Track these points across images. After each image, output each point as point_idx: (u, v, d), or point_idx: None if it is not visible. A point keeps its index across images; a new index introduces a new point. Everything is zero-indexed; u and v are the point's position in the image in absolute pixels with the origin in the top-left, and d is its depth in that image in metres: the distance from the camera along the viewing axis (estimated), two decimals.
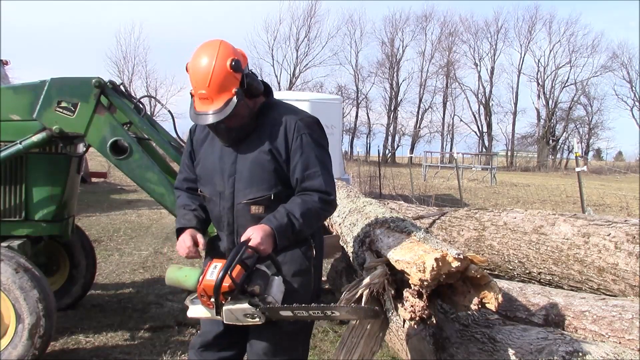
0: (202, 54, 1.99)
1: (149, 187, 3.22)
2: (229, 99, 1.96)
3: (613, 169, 31.54)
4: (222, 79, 1.96)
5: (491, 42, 46.23)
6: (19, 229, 3.42)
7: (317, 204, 2.08)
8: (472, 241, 3.41)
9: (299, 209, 2.05)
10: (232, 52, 2.01)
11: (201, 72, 1.96)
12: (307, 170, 2.08)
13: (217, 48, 1.99)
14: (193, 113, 2.03)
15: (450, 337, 2.41)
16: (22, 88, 3.35)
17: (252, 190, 2.10)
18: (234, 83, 1.98)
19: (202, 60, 1.98)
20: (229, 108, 1.96)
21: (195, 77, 1.98)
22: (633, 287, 2.44)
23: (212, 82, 1.95)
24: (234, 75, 1.98)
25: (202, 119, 2.00)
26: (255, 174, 2.09)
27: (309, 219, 2.07)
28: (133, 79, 42.09)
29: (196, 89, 1.99)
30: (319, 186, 2.09)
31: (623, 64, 43.92)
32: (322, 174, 2.10)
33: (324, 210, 2.12)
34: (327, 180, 2.11)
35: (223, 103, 1.96)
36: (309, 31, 44.18)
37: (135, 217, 9.69)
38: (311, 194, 2.08)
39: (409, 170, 16.81)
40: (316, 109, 10.21)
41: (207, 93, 1.96)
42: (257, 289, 1.95)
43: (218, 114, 1.96)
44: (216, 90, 1.96)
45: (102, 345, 3.67)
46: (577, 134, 45.40)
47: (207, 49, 2.00)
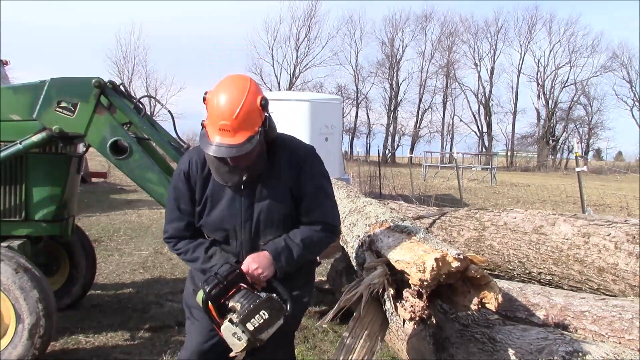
0: (231, 85, 1.93)
1: (149, 187, 3.22)
2: (251, 136, 1.89)
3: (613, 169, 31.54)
4: (250, 114, 1.89)
5: (491, 42, 46.28)
6: (19, 229, 3.42)
7: (320, 232, 2.12)
8: (472, 241, 3.41)
9: (300, 235, 2.09)
10: (261, 90, 1.98)
11: (229, 102, 1.87)
12: (314, 203, 2.11)
13: (249, 83, 1.94)
14: (206, 142, 1.90)
15: (450, 337, 2.41)
16: (22, 88, 3.35)
17: (273, 231, 2.11)
18: (258, 121, 1.92)
19: (231, 90, 1.90)
20: (250, 145, 1.88)
21: (219, 106, 1.88)
22: (633, 287, 2.44)
23: (239, 116, 1.86)
24: (260, 114, 1.93)
25: (218, 151, 1.88)
26: (275, 217, 2.09)
27: (309, 244, 2.10)
28: (133, 79, 42.18)
29: (217, 119, 1.88)
30: (322, 215, 2.13)
31: (623, 64, 43.97)
32: (327, 203, 2.14)
33: (326, 237, 2.15)
34: (332, 212, 2.17)
35: (245, 139, 1.88)
36: (309, 31, 44.21)
37: (135, 217, 9.69)
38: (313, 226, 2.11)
39: (409, 170, 16.80)
40: (316, 109, 10.20)
41: (231, 125, 1.86)
42: (236, 306, 1.94)
43: (238, 148, 1.87)
44: (241, 124, 1.87)
45: (102, 345, 3.67)
46: (577, 134, 45.42)
47: (238, 81, 1.95)
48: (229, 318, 1.95)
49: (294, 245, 2.07)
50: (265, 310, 1.93)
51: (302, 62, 44.31)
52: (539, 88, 46.09)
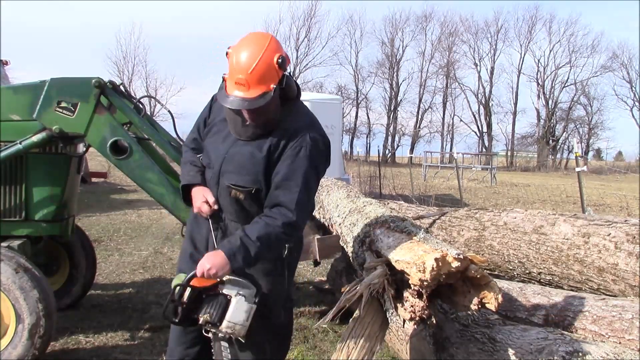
0: (251, 41, 1.97)
1: (149, 187, 3.22)
2: (265, 92, 1.93)
3: (613, 169, 31.53)
4: (266, 70, 1.93)
5: (491, 42, 46.26)
6: (19, 229, 3.42)
7: (279, 228, 2.01)
8: (472, 241, 3.41)
9: (257, 232, 2.00)
10: (281, 49, 2.00)
11: (246, 58, 1.92)
12: (286, 180, 2.03)
13: (269, 40, 1.98)
14: (223, 94, 1.98)
15: (450, 337, 2.41)
16: (22, 88, 3.35)
17: (236, 177, 2.11)
18: (274, 78, 1.96)
19: (250, 46, 1.94)
20: (263, 100, 1.93)
21: (238, 61, 1.93)
22: (633, 287, 2.44)
23: (255, 70, 1.91)
24: (277, 71, 1.96)
25: (232, 102, 1.95)
26: (245, 164, 2.09)
27: (267, 243, 2.02)
28: (133, 79, 42.14)
29: (235, 73, 1.94)
30: (289, 201, 2.02)
31: (623, 64, 43.97)
32: (299, 191, 2.02)
33: (285, 234, 2.05)
34: (300, 200, 2.02)
35: (259, 94, 1.93)
36: (309, 31, 44.21)
37: (135, 217, 9.68)
38: (275, 217, 2.02)
39: (409, 170, 16.80)
40: (316, 109, 10.16)
41: (246, 79, 1.92)
42: (207, 317, 1.97)
43: (250, 101, 1.92)
44: (256, 79, 1.92)
45: (102, 345, 3.67)
46: (577, 134, 45.41)
47: (257, 38, 1.99)
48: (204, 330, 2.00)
49: (250, 243, 2.00)
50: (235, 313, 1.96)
51: (302, 62, 44.32)
52: (539, 88, 46.12)
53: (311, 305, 4.57)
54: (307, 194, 2.08)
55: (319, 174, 2.14)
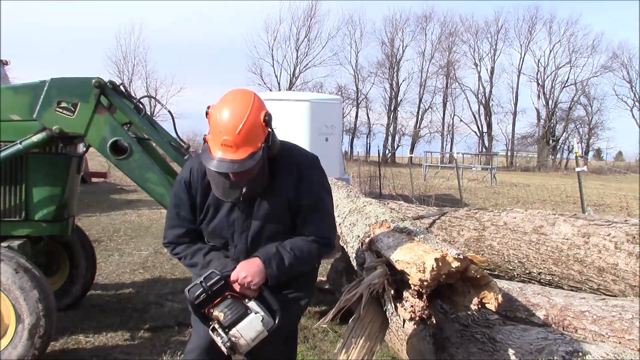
0: (235, 101, 1.90)
1: (149, 187, 3.22)
2: (254, 152, 1.87)
3: (613, 169, 31.52)
4: (253, 130, 1.87)
5: (491, 42, 46.27)
6: (19, 229, 3.42)
7: (312, 243, 2.10)
8: (472, 241, 3.41)
9: (290, 244, 2.07)
10: (264, 106, 1.95)
11: (232, 118, 1.84)
12: (310, 216, 2.10)
13: (252, 98, 1.92)
14: (208, 157, 1.88)
15: (450, 337, 2.41)
16: (22, 88, 3.35)
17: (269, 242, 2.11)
18: (261, 137, 1.90)
19: (234, 105, 1.87)
20: (252, 161, 1.86)
21: (223, 121, 1.85)
22: (633, 287, 2.44)
23: (242, 131, 1.84)
24: (263, 130, 1.91)
25: (220, 166, 1.86)
26: (271, 231, 2.10)
27: (301, 253, 2.07)
28: (133, 79, 42.20)
29: (220, 135, 1.85)
30: (319, 232, 2.12)
31: (623, 64, 43.98)
32: (324, 218, 2.14)
33: (318, 249, 2.12)
34: (328, 225, 2.16)
35: (247, 155, 1.85)
36: (309, 31, 44.22)
37: (135, 217, 9.68)
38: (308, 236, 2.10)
39: (409, 170, 16.80)
40: (316, 109, 10.19)
41: (233, 141, 1.84)
42: (220, 316, 1.95)
43: (240, 163, 1.85)
44: (244, 140, 1.85)
45: (102, 345, 3.67)
46: (577, 134, 45.40)
47: (241, 97, 1.92)
48: (212, 326, 1.97)
49: (285, 252, 2.04)
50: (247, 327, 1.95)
51: (302, 62, 44.38)
52: (539, 88, 46.13)
53: (311, 305, 4.57)
54: (329, 214, 2.19)
55: (329, 190, 2.22)
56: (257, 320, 1.96)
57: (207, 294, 1.96)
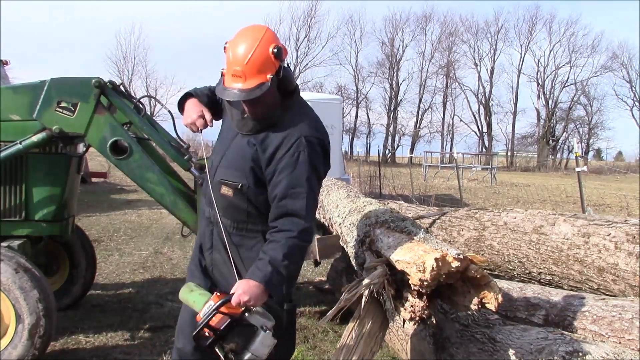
0: (246, 33, 1.98)
1: (149, 187, 3.22)
2: (261, 83, 1.93)
3: (613, 169, 31.52)
4: (261, 61, 1.93)
5: (491, 42, 46.19)
6: (19, 229, 3.42)
7: (296, 239, 1.99)
8: (472, 241, 3.41)
9: (281, 251, 1.96)
10: (277, 40, 2.00)
11: (242, 49, 1.93)
12: (292, 189, 2.00)
13: (264, 31, 1.98)
14: (221, 88, 2.01)
15: (450, 337, 2.41)
16: (22, 88, 3.35)
17: (227, 172, 2.14)
18: (270, 69, 1.95)
19: (245, 38, 1.96)
20: (260, 91, 1.93)
21: (234, 53, 1.94)
22: (633, 287, 2.44)
23: (250, 61, 1.92)
24: (273, 61, 1.96)
25: (229, 94, 1.96)
26: (237, 159, 2.12)
27: (293, 258, 2.01)
28: (133, 79, 42.10)
29: (231, 65, 1.95)
30: (299, 208, 2.00)
31: (623, 64, 43.91)
32: (307, 197, 2.01)
33: (303, 242, 2.03)
34: (309, 205, 2.02)
35: (255, 85, 1.93)
36: (309, 31, 44.18)
37: (135, 217, 9.68)
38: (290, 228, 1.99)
39: (409, 170, 16.80)
40: (316, 109, 10.14)
41: (242, 70, 1.93)
42: (232, 346, 1.94)
43: (247, 92, 1.93)
44: (252, 70, 1.93)
45: (102, 345, 3.67)
46: (577, 134, 45.38)
47: (253, 30, 1.99)
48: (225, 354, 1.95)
49: (279, 265, 1.96)
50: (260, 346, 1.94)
51: (302, 62, 44.32)
52: (539, 88, 46.08)
53: (311, 305, 4.57)
54: (314, 197, 2.07)
55: (319, 175, 2.11)
56: (267, 336, 1.94)
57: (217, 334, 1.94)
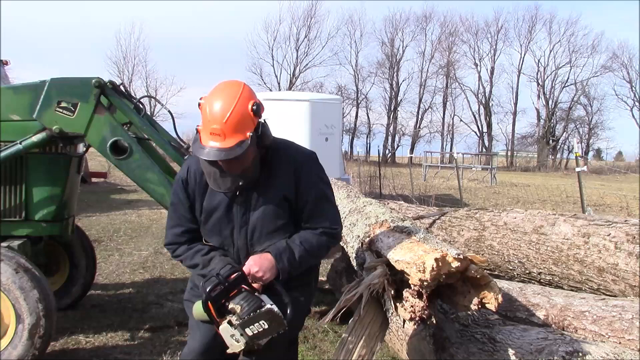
0: (223, 90, 1.95)
1: (149, 187, 3.22)
2: (241, 141, 1.89)
3: (613, 169, 31.51)
4: (241, 119, 1.89)
5: (491, 42, 46.19)
6: (19, 229, 3.42)
7: (320, 235, 2.13)
8: (472, 241, 3.41)
9: (299, 238, 2.10)
10: (254, 97, 1.97)
11: (220, 107, 1.88)
12: (315, 209, 2.12)
13: (241, 88, 1.95)
14: (198, 146, 1.93)
15: (450, 337, 2.41)
16: (22, 88, 3.35)
17: (268, 238, 2.11)
18: (250, 126, 1.92)
19: (223, 96, 1.92)
20: (240, 149, 1.88)
21: (212, 111, 1.89)
22: (633, 287, 2.44)
23: (229, 119, 1.87)
24: (252, 119, 1.93)
25: (208, 154, 1.89)
26: (270, 225, 2.10)
27: (310, 246, 2.09)
28: (133, 79, 42.09)
29: (209, 124, 1.90)
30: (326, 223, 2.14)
31: (623, 64, 43.91)
32: (329, 209, 2.16)
33: (327, 241, 2.16)
34: (333, 217, 2.18)
35: (235, 143, 1.88)
36: (309, 31, 44.15)
37: (135, 217, 9.68)
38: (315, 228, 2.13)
39: (409, 170, 16.81)
40: (316, 109, 10.19)
41: (221, 129, 1.87)
42: (236, 308, 1.94)
43: (227, 151, 1.88)
44: (232, 128, 1.88)
45: (102, 345, 3.67)
46: (577, 134, 45.37)
47: (230, 87, 1.96)
48: (228, 319, 1.95)
49: (295, 246, 2.07)
50: (266, 320, 1.93)
51: (302, 62, 44.32)
52: (539, 88, 46.09)
53: (311, 305, 4.57)
54: (333, 205, 2.21)
55: (328, 183, 2.23)
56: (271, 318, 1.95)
57: (224, 285, 1.95)
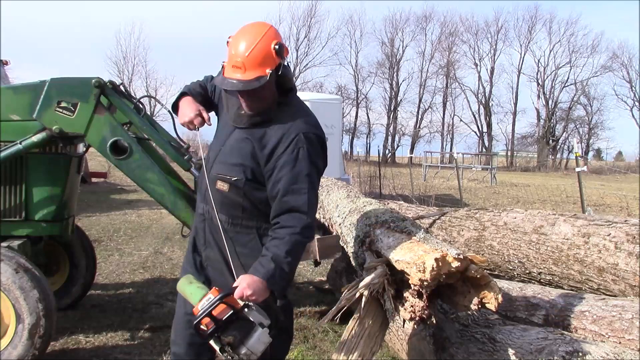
0: (250, 28, 2.04)
1: (149, 187, 3.22)
2: (260, 75, 1.97)
3: (613, 169, 31.52)
4: (262, 55, 1.97)
5: (491, 42, 46.20)
6: (19, 229, 3.41)
7: (299, 235, 2.02)
8: (472, 241, 3.41)
9: (284, 247, 2.00)
10: (279, 38, 2.04)
11: (244, 42, 1.98)
12: (294, 185, 2.03)
13: (267, 28, 2.03)
14: (220, 78, 2.05)
15: (450, 337, 2.41)
16: (22, 88, 3.35)
17: (224, 167, 2.16)
18: (270, 64, 1.99)
19: (249, 32, 2.01)
20: (258, 83, 1.97)
21: (236, 45, 1.99)
22: (633, 287, 2.44)
23: (251, 54, 1.96)
24: (273, 57, 2.00)
25: (227, 84, 2.01)
26: (233, 154, 2.14)
27: (295, 254, 2.04)
28: (133, 79, 42.11)
29: (232, 57, 1.99)
30: (301, 204, 2.03)
31: (623, 64, 43.94)
32: (308, 192, 2.04)
33: (305, 238, 2.07)
34: (310, 201, 2.05)
35: (254, 77, 1.97)
36: (309, 31, 44.21)
37: (135, 217, 9.68)
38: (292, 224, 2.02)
39: (409, 170, 16.81)
40: (316, 109, 10.15)
41: (242, 62, 1.97)
42: (230, 340, 1.94)
43: (245, 83, 1.97)
44: (252, 63, 1.97)
45: (102, 345, 3.67)
46: (577, 134, 45.37)
47: (257, 26, 2.05)
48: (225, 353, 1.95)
49: (282, 262, 1.99)
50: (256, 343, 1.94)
51: (302, 62, 44.33)
52: (539, 88, 46.10)
53: (311, 305, 4.57)
54: (314, 193, 2.11)
55: (319, 170, 2.14)
56: (264, 334, 1.95)
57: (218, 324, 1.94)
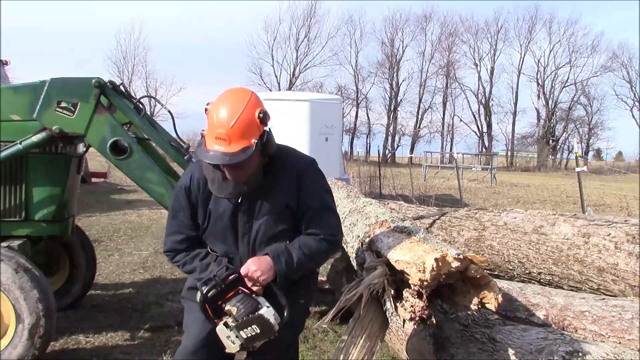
0: (231, 97, 1.95)
1: (149, 187, 3.22)
2: (246, 147, 1.89)
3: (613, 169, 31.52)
4: (247, 125, 1.90)
5: (491, 42, 46.27)
6: (19, 229, 3.42)
7: (321, 242, 2.12)
8: (472, 241, 3.41)
9: (298, 242, 2.09)
10: (261, 105, 1.98)
11: (226, 112, 1.89)
12: (316, 218, 2.11)
13: (249, 95, 1.96)
14: (203, 150, 1.93)
15: (450, 337, 2.41)
16: (22, 88, 3.35)
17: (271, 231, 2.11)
18: (255, 133, 1.92)
19: (230, 102, 1.92)
20: (244, 155, 1.89)
21: (218, 114, 1.90)
22: (633, 287, 2.44)
23: (235, 125, 1.88)
24: (258, 126, 1.93)
25: (212, 157, 1.90)
26: (272, 232, 2.10)
27: (309, 251, 2.08)
28: (133, 79, 42.15)
29: (214, 128, 1.90)
30: (333, 227, 2.15)
31: (623, 64, 44.02)
32: (330, 217, 2.15)
33: (327, 247, 2.14)
34: (334, 225, 2.17)
35: (240, 148, 1.89)
36: (309, 31, 44.24)
37: (135, 217, 9.68)
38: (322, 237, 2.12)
39: (409, 170, 16.81)
40: (316, 109, 10.19)
41: (227, 134, 1.88)
42: (232, 310, 1.95)
43: (231, 156, 1.88)
44: (237, 134, 1.88)
45: (102, 345, 3.67)
46: (577, 134, 45.39)
47: (238, 93, 1.98)
48: (224, 321, 1.96)
49: (294, 250, 2.07)
50: (257, 325, 1.94)
51: (302, 62, 44.37)
52: (539, 88, 46.14)
53: (311, 305, 4.57)
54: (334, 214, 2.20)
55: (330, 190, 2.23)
56: (270, 313, 1.96)
57: (220, 287, 1.96)
